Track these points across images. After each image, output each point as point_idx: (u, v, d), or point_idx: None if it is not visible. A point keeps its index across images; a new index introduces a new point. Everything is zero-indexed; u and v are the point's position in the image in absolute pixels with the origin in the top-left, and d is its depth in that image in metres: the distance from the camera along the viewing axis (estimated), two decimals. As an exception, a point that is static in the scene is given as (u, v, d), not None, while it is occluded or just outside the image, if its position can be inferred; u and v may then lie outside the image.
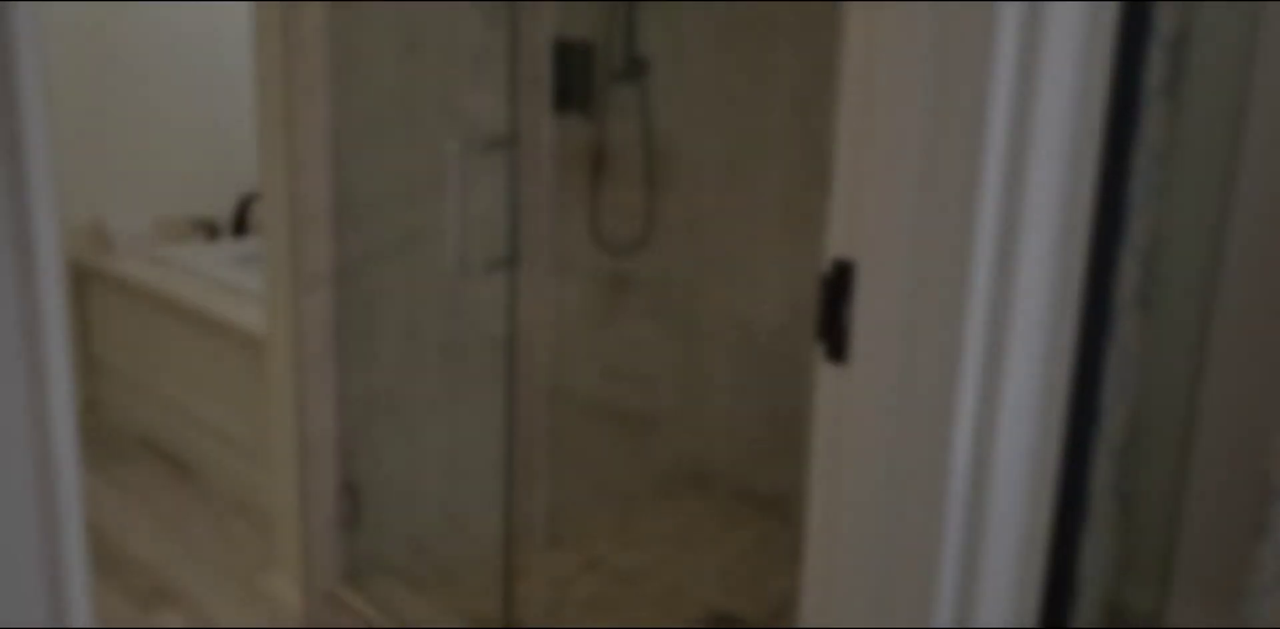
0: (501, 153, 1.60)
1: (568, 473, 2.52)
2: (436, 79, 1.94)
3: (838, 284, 1.08)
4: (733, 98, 2.39)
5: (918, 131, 0.93)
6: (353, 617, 2.11)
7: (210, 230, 3.39)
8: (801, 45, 2.20)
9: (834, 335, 1.09)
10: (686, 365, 2.80)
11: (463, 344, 2.21)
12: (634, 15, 2.19)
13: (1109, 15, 0.90)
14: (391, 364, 2.18)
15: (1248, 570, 1.04)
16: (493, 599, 2.06)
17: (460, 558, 2.27)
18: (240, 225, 3.38)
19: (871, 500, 1.04)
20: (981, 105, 0.87)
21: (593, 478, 2.66)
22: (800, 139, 2.29)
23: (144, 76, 3.23)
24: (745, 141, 2.46)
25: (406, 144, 1.96)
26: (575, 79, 2.14)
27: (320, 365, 2.01)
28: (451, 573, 2.28)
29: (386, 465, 2.24)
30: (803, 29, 2.18)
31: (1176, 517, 1.29)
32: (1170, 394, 1.24)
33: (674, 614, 2.24)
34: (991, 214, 0.90)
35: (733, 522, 2.62)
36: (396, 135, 1.98)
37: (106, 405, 3.28)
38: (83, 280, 3.23)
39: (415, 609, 2.15)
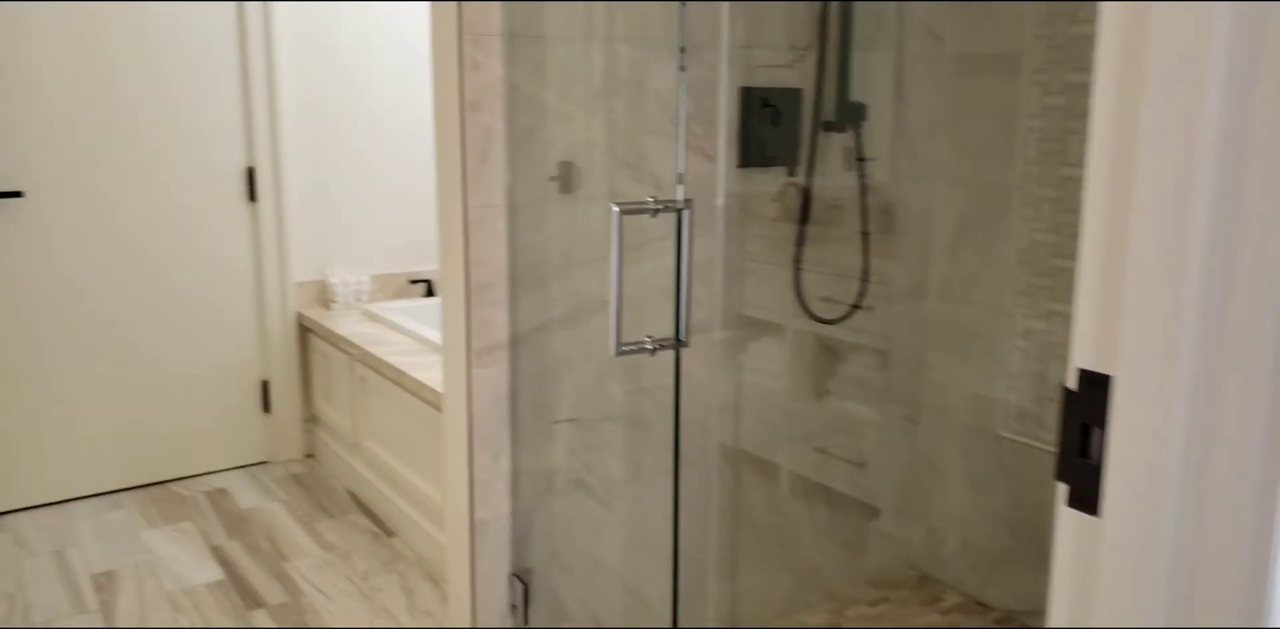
0: (681, 214, 1.39)
1: (767, 561, 2.25)
2: (619, 134, 1.77)
3: (1086, 405, 0.77)
4: (965, 145, 2.08)
5: (1209, 188, 0.63)
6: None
7: (428, 288, 3.43)
8: (1050, 81, 1.86)
9: (1079, 476, 0.78)
10: (909, 449, 2.46)
11: (645, 420, 2.00)
12: (847, 56, 1.94)
13: None
14: (569, 441, 2.01)
15: None
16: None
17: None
18: (453, 282, 3.39)
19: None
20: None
21: (796, 569, 2.37)
22: (1049, 190, 1.94)
23: (366, 143, 3.35)
24: (982, 194, 2.12)
25: (586, 205, 1.81)
26: (778, 129, 1.91)
27: (493, 442, 1.87)
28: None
29: (561, 550, 2.06)
30: (1051, 63, 1.84)
31: None
32: None
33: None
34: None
35: (958, 639, 2.24)
36: (576, 196, 1.83)
37: (322, 458, 3.35)
38: (305, 334, 3.34)
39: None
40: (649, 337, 1.41)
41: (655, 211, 1.30)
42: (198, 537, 2.86)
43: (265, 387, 3.34)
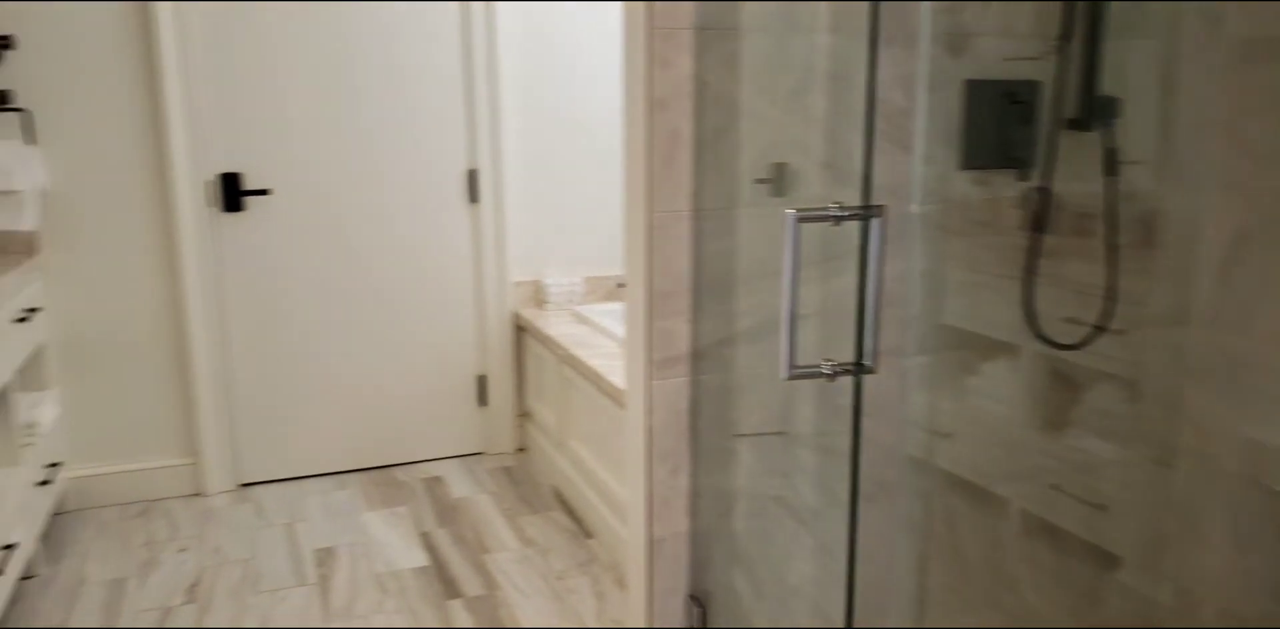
0: (869, 222, 1.23)
1: (974, 600, 2.02)
2: (821, 133, 1.62)
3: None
4: (1246, 145, 1.75)
5: None
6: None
7: (641, 288, 3.40)
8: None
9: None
10: (1158, 495, 2.13)
11: (838, 444, 1.84)
12: (1097, 43, 1.68)
13: None
14: (753, 461, 1.88)
15: None
16: None
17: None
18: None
19: None
20: None
21: (1011, 612, 2.12)
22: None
23: (584, 145, 3.35)
24: (1265, 203, 1.78)
25: (777, 211, 1.67)
26: (1010, 127, 1.68)
27: (671, 457, 1.78)
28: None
29: (742, 575, 1.93)
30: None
31: None
32: None
33: None
34: None
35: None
36: (767, 201, 1.69)
37: (532, 453, 3.40)
38: (520, 333, 3.40)
39: None
40: (827, 360, 1.26)
41: (839, 219, 1.16)
42: (410, 522, 2.98)
43: (482, 381, 3.44)
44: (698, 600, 1.87)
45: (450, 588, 2.58)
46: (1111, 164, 1.80)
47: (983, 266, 1.81)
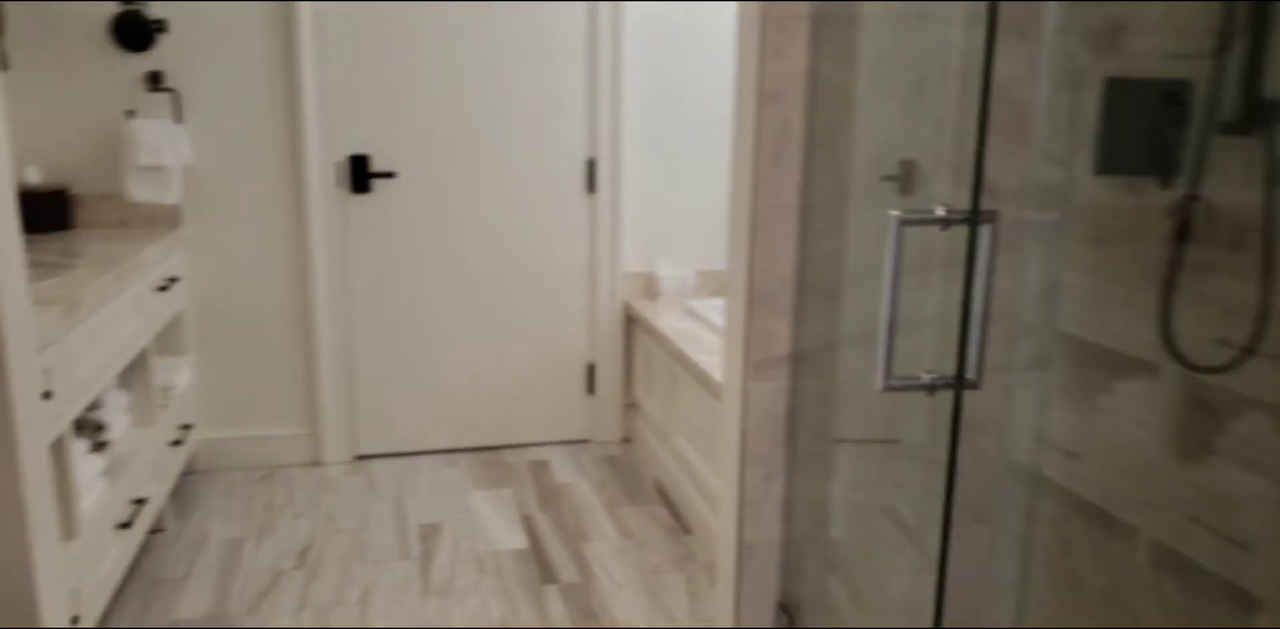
0: (977, 228, 1.15)
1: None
2: (942, 131, 1.53)
3: None
4: None
5: None
6: None
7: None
8: None
9: None
10: (1307, 536, 1.94)
11: (943, 459, 1.74)
12: (1264, 39, 1.52)
13: None
14: (856, 471, 1.81)
15: None
16: None
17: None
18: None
19: None
20: None
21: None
22: None
23: (702, 137, 3.30)
24: None
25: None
26: (1155, 129, 1.55)
27: (766, 462, 1.72)
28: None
29: (836, 587, 1.86)
30: None
31: None
32: None
33: None
34: None
35: None
36: (883, 201, 1.61)
37: (637, 443, 3.39)
38: (630, 323, 3.38)
39: None
40: (927, 372, 1.19)
41: (946, 223, 1.08)
42: (513, 504, 3.01)
43: (591, 370, 3.45)
44: (786, 608, 1.82)
45: (546, 573, 2.60)
46: (1273, 173, 1.63)
47: (1115, 278, 1.68)
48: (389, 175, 3.16)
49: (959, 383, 1.13)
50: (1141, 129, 1.52)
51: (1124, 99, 1.48)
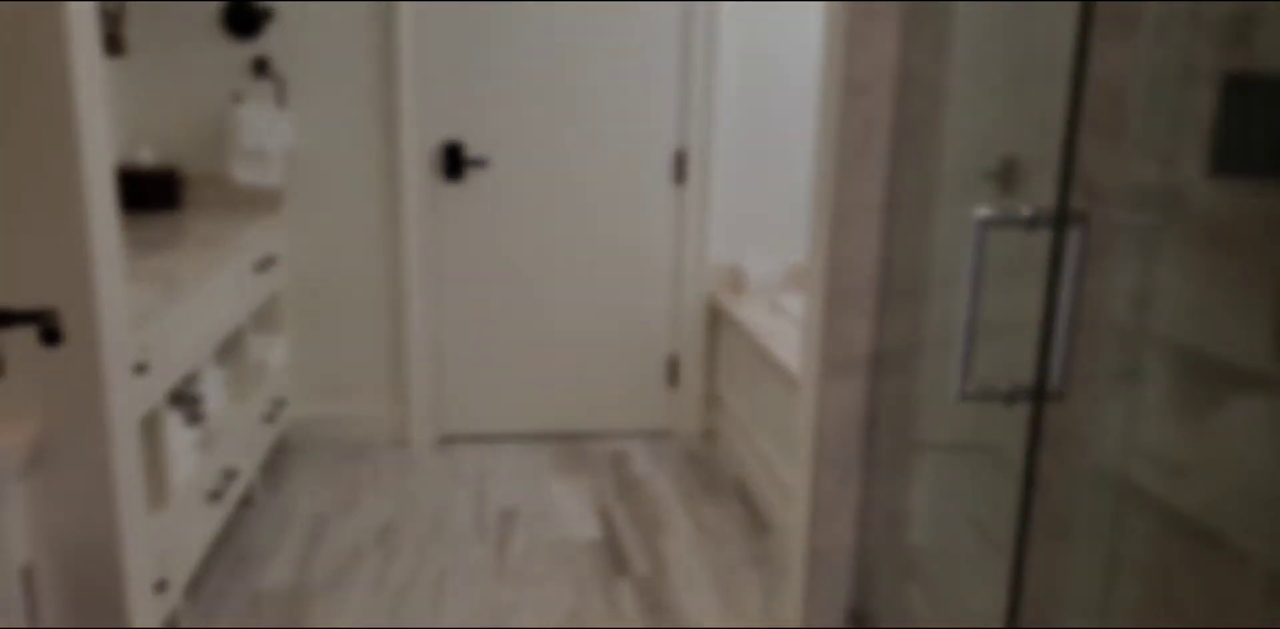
0: (1064, 231, 1.08)
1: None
2: (1042, 127, 1.44)
3: None
4: None
5: None
6: None
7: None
8: None
9: None
10: None
11: (1039, 474, 1.66)
12: None
13: None
14: (936, 478, 1.74)
15: None
16: None
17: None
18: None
19: None
20: None
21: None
22: None
23: (794, 129, 3.23)
24: None
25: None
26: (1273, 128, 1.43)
27: (841, 466, 1.67)
28: None
29: (910, 598, 1.80)
30: None
31: None
32: None
33: None
34: None
35: None
36: (978, 198, 1.53)
37: (718, 438, 3.36)
38: (715, 316, 3.34)
39: None
40: (1010, 381, 1.12)
41: (1032, 224, 1.02)
42: (591, 494, 3.02)
43: (674, 362, 3.42)
44: (858, 615, 1.77)
45: (620, 565, 2.59)
46: None
47: (1229, 286, 1.57)
48: (482, 163, 3.19)
49: (1039, 393, 1.06)
50: (1267, 128, 1.40)
51: (1248, 96, 1.37)
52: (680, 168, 3.26)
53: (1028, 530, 1.42)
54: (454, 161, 3.17)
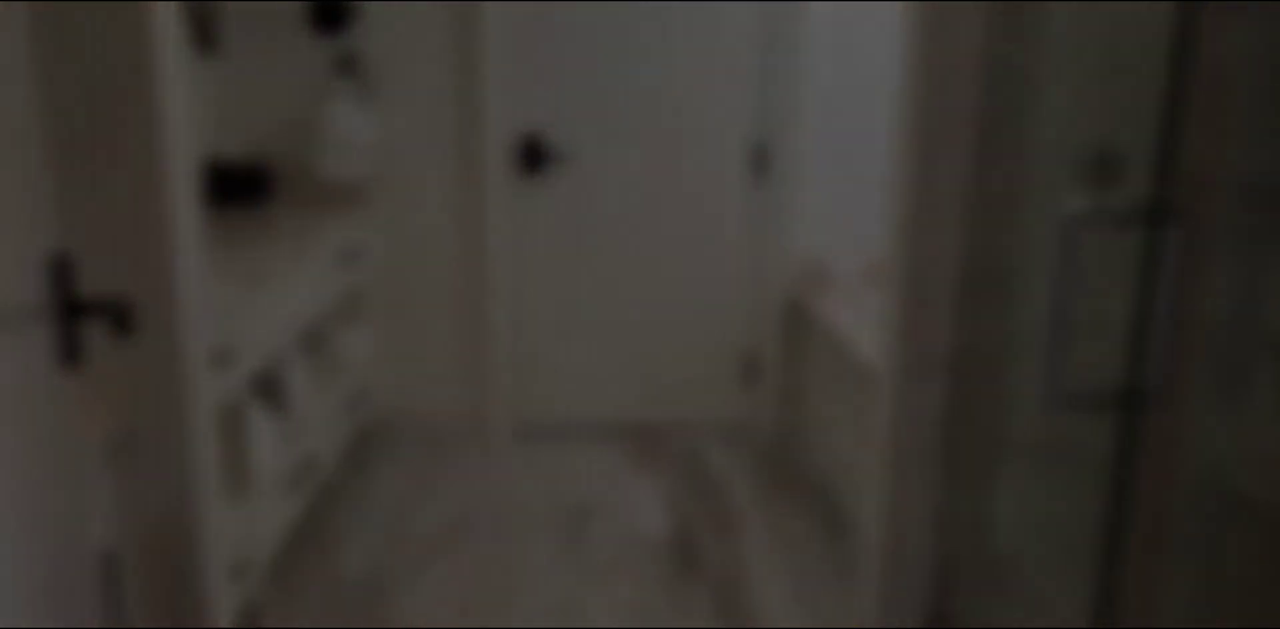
0: (1163, 231, 1.01)
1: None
2: (1142, 120, 1.36)
3: None
4: None
5: None
6: None
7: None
8: None
9: None
10: None
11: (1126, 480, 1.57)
12: None
13: None
14: (1023, 483, 1.67)
15: None
16: None
17: None
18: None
19: None
20: None
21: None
22: None
23: (878, 123, 3.13)
24: None
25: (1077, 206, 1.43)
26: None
27: (917, 471, 1.61)
28: None
29: (994, 606, 1.73)
30: None
31: None
32: None
33: None
34: None
35: None
36: (1073, 193, 1.46)
37: (798, 438, 3.30)
38: (795, 312, 3.28)
39: None
40: (1103, 383, 1.06)
41: (1126, 221, 0.95)
42: (665, 491, 3.00)
43: (753, 358, 3.38)
44: (937, 622, 1.70)
45: (690, 564, 2.57)
46: None
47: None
48: (561, 156, 3.19)
49: (1131, 398, 1.00)
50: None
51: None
52: (762, 162, 3.21)
53: (1121, 540, 1.34)
54: (534, 154, 3.18)
